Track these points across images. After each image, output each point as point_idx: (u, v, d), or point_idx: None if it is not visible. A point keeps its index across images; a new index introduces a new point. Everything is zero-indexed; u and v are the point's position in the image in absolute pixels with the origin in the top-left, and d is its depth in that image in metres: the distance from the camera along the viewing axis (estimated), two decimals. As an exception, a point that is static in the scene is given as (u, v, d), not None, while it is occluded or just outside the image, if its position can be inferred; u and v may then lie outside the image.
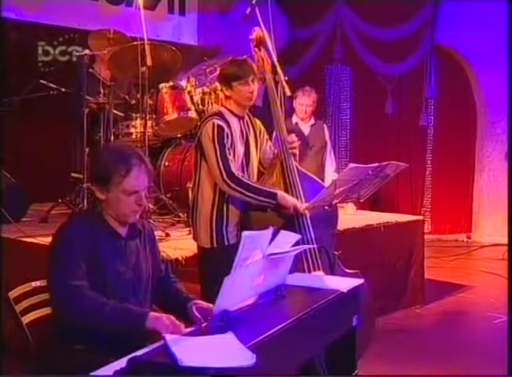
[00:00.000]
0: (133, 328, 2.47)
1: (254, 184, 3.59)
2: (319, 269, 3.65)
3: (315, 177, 3.97)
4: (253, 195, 3.53)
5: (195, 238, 3.76)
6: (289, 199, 3.61)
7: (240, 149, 3.68)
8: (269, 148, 3.93)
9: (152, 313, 2.50)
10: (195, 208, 3.71)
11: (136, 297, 2.68)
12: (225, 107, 3.73)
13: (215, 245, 3.62)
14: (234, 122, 3.67)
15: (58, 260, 2.55)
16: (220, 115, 3.65)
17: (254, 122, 3.85)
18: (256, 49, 3.97)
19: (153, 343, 2.25)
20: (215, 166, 3.53)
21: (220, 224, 3.62)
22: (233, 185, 3.51)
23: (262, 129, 3.90)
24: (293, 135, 3.94)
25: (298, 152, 3.91)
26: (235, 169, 3.55)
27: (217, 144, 3.52)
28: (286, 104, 4.08)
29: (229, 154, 3.55)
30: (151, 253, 2.82)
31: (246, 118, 3.79)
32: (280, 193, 3.60)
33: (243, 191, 3.52)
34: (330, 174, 6.17)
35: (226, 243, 3.60)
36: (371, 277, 3.67)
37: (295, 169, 3.78)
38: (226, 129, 3.57)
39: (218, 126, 3.56)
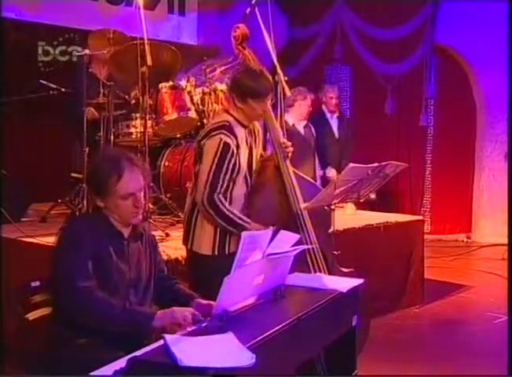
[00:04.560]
0: (141, 329, 2.51)
1: (229, 214, 3.43)
2: (324, 271, 3.64)
3: (310, 179, 3.96)
4: (221, 223, 3.43)
5: (191, 244, 3.60)
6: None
7: (244, 160, 3.55)
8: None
9: (160, 311, 2.54)
10: (195, 216, 3.57)
11: (136, 296, 2.71)
12: (233, 115, 3.54)
13: (216, 253, 3.53)
14: (241, 133, 3.52)
15: (65, 261, 2.57)
16: (228, 128, 3.47)
17: (253, 126, 3.69)
18: (240, 47, 3.87)
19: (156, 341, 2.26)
20: (203, 179, 3.41)
21: (224, 232, 3.52)
22: (207, 206, 3.40)
23: (259, 131, 3.74)
24: (285, 140, 3.89)
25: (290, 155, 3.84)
26: (217, 195, 3.41)
27: (216, 162, 3.39)
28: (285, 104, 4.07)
29: (224, 178, 3.42)
30: (152, 255, 2.85)
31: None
32: (249, 226, 3.46)
33: (213, 215, 3.42)
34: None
35: (227, 252, 3.51)
36: (370, 277, 3.66)
37: (291, 172, 3.74)
38: (232, 147, 3.43)
39: (225, 143, 3.41)
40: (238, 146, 3.49)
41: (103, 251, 2.61)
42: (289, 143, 3.80)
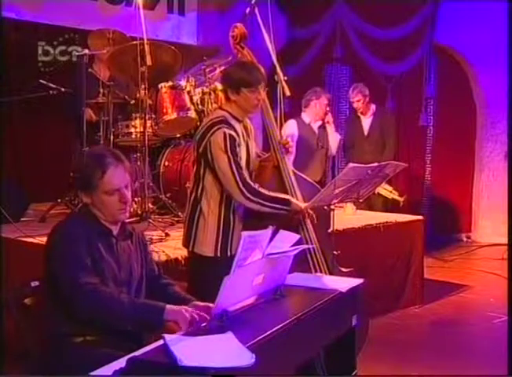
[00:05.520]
0: (151, 322, 2.51)
1: (269, 194, 3.47)
2: (324, 271, 3.64)
3: (310, 180, 3.95)
4: (270, 205, 3.44)
5: (192, 246, 3.58)
6: (298, 203, 3.56)
7: (244, 156, 3.56)
8: (256, 151, 3.81)
9: (169, 306, 2.54)
10: (197, 218, 3.55)
11: (128, 295, 2.69)
12: (227, 111, 3.55)
13: (219, 255, 3.52)
14: (237, 127, 3.53)
15: (66, 259, 2.56)
16: (226, 121, 3.47)
17: (245, 123, 3.69)
18: (238, 46, 3.87)
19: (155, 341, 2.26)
20: (230, 178, 3.40)
21: (227, 234, 3.52)
22: (251, 197, 3.40)
23: (251, 128, 3.73)
24: (288, 138, 3.89)
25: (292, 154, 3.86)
26: (250, 179, 3.46)
27: (230, 155, 3.38)
28: (285, 104, 4.06)
29: (242, 167, 3.44)
30: (143, 255, 2.86)
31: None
32: (291, 198, 3.54)
33: (261, 201, 3.42)
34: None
35: (229, 254, 3.50)
36: (370, 277, 3.67)
37: (291, 172, 3.75)
38: (237, 139, 3.45)
39: (230, 135, 3.41)
40: (239, 140, 3.50)
41: (94, 249, 2.62)
42: (289, 139, 3.81)
